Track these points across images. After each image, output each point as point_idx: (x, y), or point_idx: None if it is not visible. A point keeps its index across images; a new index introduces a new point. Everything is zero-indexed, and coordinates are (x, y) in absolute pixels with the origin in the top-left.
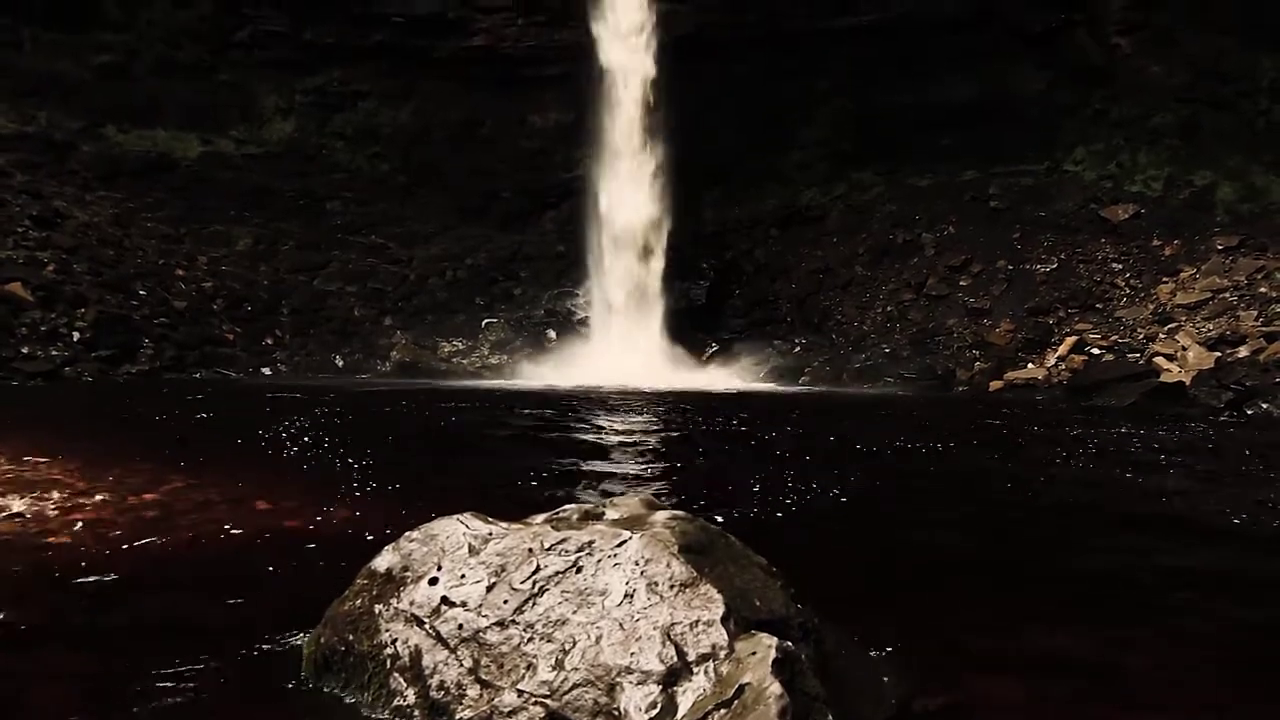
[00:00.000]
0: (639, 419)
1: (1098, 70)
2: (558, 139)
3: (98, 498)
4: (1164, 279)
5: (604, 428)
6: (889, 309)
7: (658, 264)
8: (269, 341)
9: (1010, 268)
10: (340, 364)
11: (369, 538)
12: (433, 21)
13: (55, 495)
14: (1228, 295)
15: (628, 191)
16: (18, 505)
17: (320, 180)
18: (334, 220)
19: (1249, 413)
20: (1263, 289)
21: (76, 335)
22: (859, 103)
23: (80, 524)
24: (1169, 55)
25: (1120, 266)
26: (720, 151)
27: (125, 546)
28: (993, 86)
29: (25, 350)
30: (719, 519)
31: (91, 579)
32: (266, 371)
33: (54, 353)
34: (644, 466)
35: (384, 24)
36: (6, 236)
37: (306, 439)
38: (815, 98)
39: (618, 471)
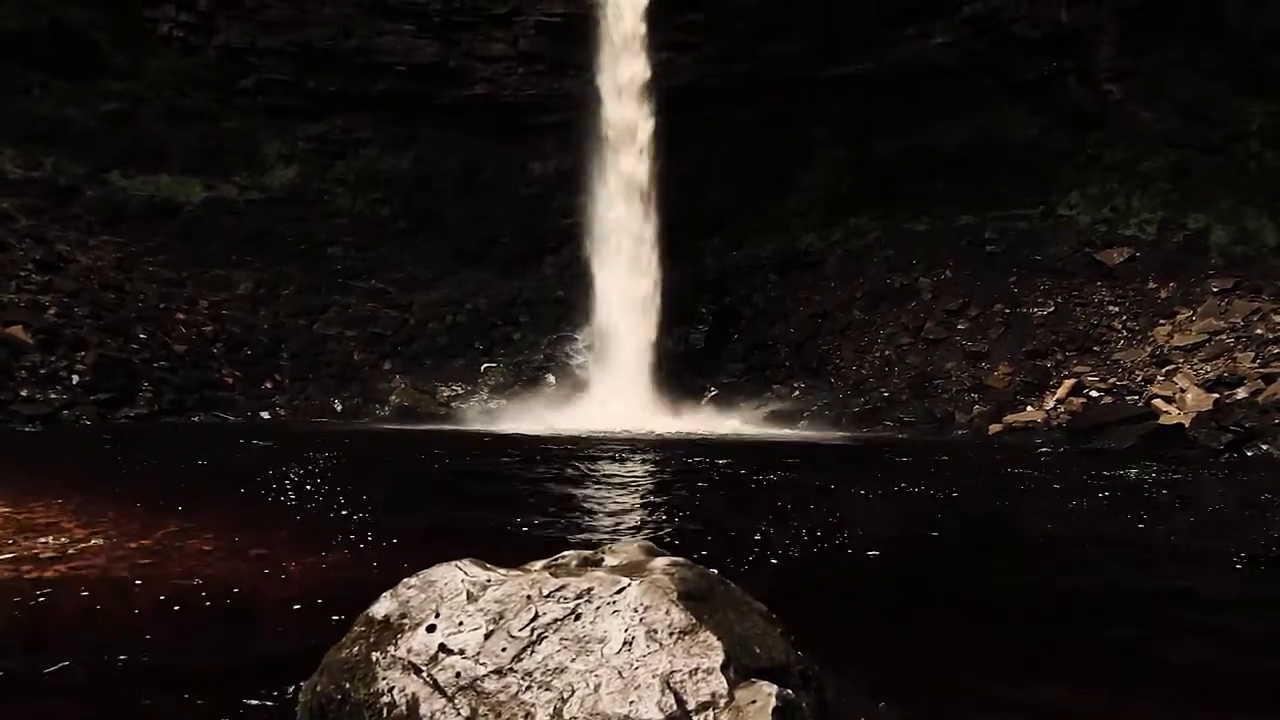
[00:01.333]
0: (638, 464)
1: (1090, 116)
2: (557, 185)
3: (94, 543)
4: (1160, 321)
5: (603, 473)
6: (887, 353)
7: (657, 309)
8: (268, 385)
9: (1007, 311)
10: (339, 408)
11: (366, 584)
12: (434, 70)
13: (51, 540)
14: (1224, 337)
15: (627, 237)
16: (14, 550)
17: (321, 225)
18: (334, 265)
19: (1249, 454)
20: (1259, 330)
21: (76, 378)
22: (855, 149)
23: (76, 569)
24: (1159, 101)
25: (1117, 309)
26: (719, 198)
27: (121, 592)
28: (987, 132)
29: (24, 393)
30: (719, 565)
31: (86, 625)
32: (265, 415)
33: (53, 396)
34: (643, 512)
35: (386, 73)
36: (9, 280)
37: (303, 484)
38: (812, 145)
39: (617, 517)
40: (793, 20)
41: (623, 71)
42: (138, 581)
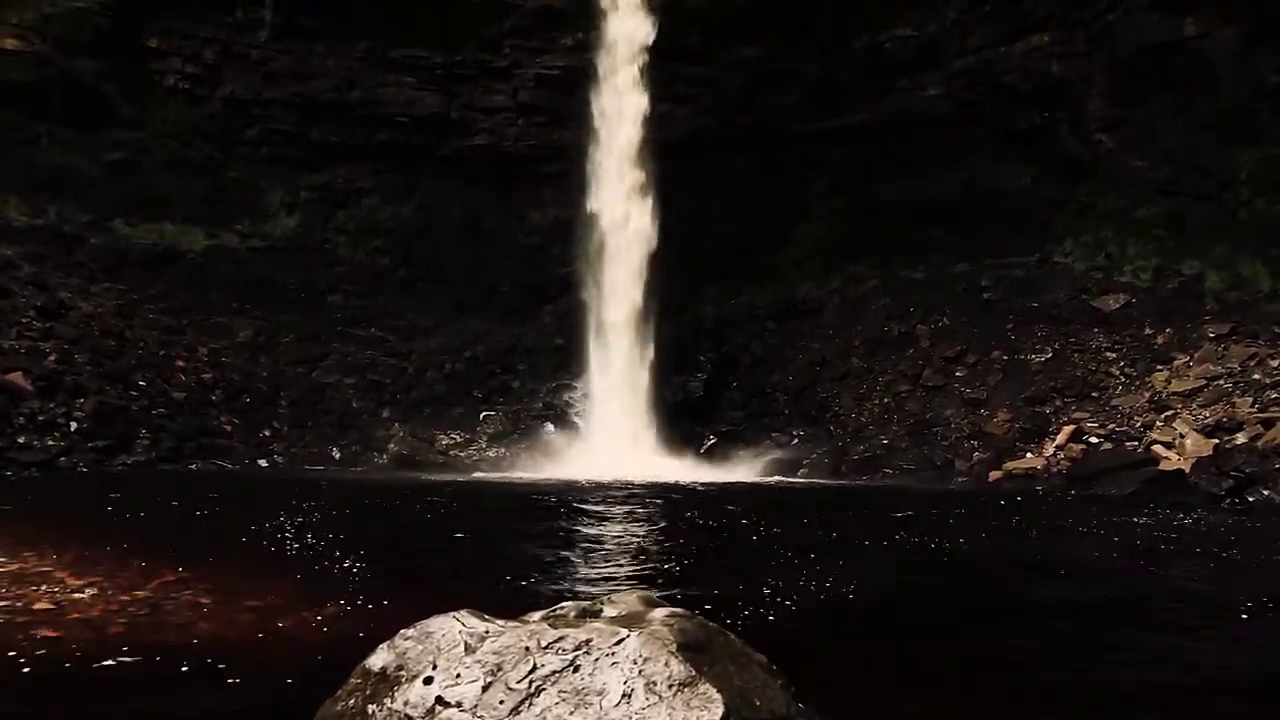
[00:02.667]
0: (637, 513)
1: (1082, 165)
2: (556, 235)
3: (88, 593)
4: (1158, 367)
5: (602, 522)
6: (886, 400)
7: (655, 358)
8: (267, 433)
9: (1005, 358)
10: (337, 456)
11: (363, 635)
12: (435, 121)
13: (45, 590)
14: (1222, 382)
15: (626, 286)
16: (7, 600)
17: (322, 274)
18: (334, 313)
19: (1250, 500)
20: (1256, 375)
21: (74, 425)
22: (852, 198)
23: (70, 620)
24: (1150, 150)
25: (1114, 355)
26: (717, 246)
27: (115, 643)
28: (981, 182)
29: (22, 440)
30: (718, 616)
31: (80, 676)
32: (263, 463)
33: (50, 443)
34: (642, 562)
35: (388, 124)
36: (10, 327)
37: (300, 533)
38: (809, 194)
39: (615, 567)
40: (789, 73)
41: (622, 123)
42: (131, 632)
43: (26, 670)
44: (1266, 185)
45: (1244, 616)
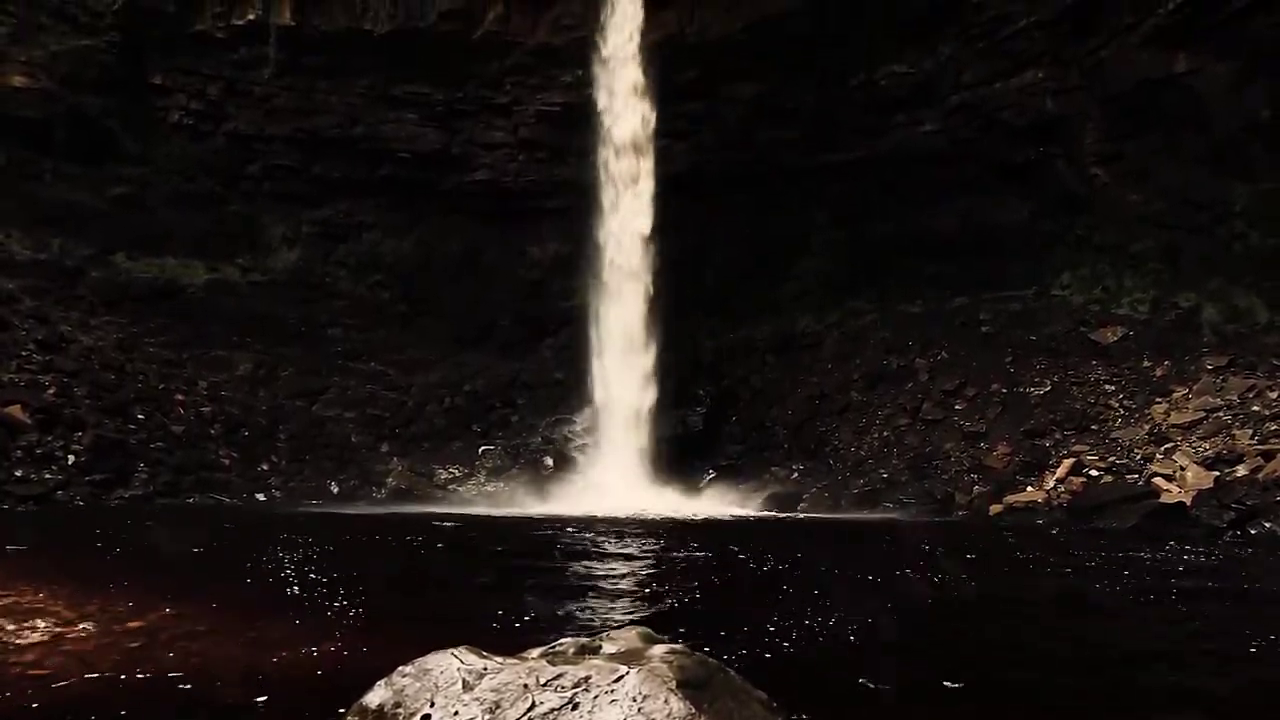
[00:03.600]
0: (636, 548)
1: (1079, 199)
2: (556, 270)
3: (83, 626)
4: (1157, 399)
5: (601, 557)
6: (885, 434)
7: (654, 392)
8: (265, 467)
9: (1004, 391)
10: (336, 490)
11: (360, 671)
12: (437, 157)
13: (40, 624)
14: (1221, 414)
15: (625, 320)
16: (1, 633)
17: (322, 308)
18: (334, 347)
19: (1252, 532)
20: (1255, 407)
21: (72, 459)
22: (851, 233)
23: (64, 654)
24: (1145, 185)
25: (1113, 388)
26: (716, 280)
27: (109, 678)
28: (979, 216)
29: (19, 473)
30: (717, 652)
31: (71, 711)
32: (261, 497)
33: (48, 476)
34: (641, 597)
35: (390, 159)
36: (10, 360)
37: (296, 568)
38: (809, 229)
39: (614, 602)
40: (788, 109)
41: (621, 158)
42: (126, 667)
43: (17, 703)
44: (1260, 218)
45: (1253, 650)
